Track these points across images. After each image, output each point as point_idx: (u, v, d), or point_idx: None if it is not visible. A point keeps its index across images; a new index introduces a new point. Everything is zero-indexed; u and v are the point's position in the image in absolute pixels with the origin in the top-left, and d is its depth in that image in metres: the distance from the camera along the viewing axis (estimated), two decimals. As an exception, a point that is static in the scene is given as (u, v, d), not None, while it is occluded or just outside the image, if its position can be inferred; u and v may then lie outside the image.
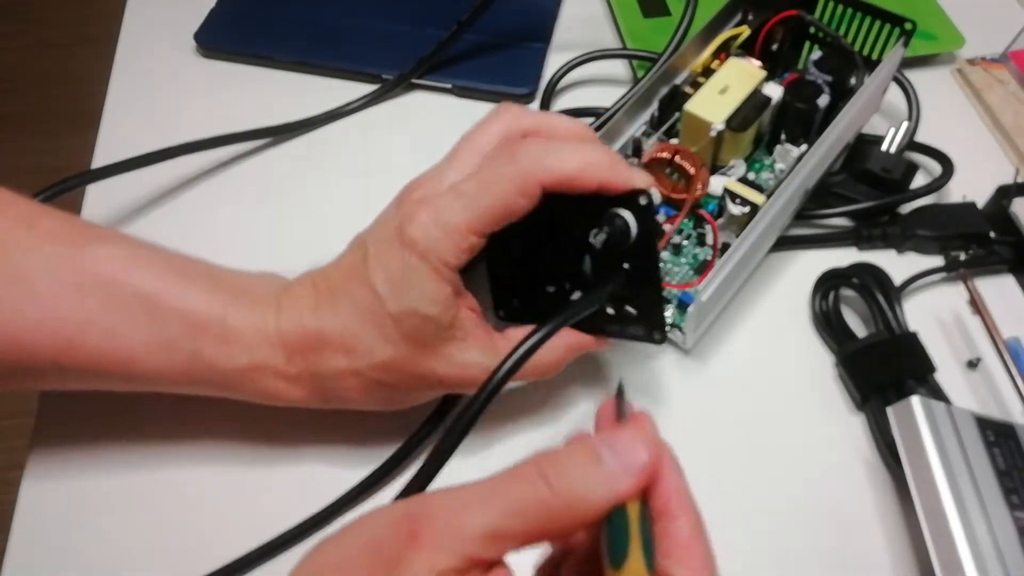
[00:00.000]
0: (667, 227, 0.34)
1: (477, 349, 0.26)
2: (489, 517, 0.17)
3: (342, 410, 0.28)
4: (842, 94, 0.36)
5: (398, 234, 0.25)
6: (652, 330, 0.28)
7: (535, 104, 0.43)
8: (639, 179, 0.25)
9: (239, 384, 0.27)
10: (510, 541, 0.17)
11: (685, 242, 0.34)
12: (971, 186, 0.38)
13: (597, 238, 0.25)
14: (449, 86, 0.43)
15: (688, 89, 0.35)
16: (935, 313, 0.35)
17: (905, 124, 0.38)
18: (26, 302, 0.25)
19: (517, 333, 0.27)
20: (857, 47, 0.37)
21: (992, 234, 0.36)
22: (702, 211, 0.34)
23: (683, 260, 0.34)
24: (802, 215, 0.37)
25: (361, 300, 0.25)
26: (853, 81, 0.36)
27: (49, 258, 0.26)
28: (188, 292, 0.26)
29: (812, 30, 0.38)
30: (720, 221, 0.34)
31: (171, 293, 0.26)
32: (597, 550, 0.18)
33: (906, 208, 0.37)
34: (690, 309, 0.30)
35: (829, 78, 0.36)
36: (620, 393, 0.21)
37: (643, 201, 0.25)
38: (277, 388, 0.27)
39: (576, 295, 0.28)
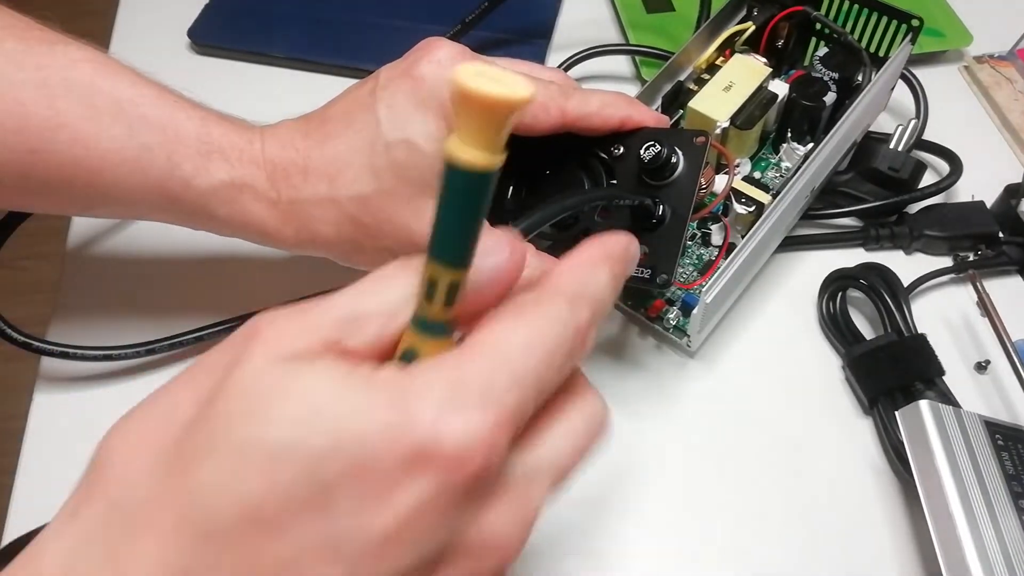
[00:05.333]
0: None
1: None
2: (350, 302, 0.15)
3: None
4: (849, 91, 0.35)
5: (409, 68, 0.25)
6: (660, 271, 0.26)
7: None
8: (659, 117, 0.26)
9: (214, 205, 0.25)
10: (372, 322, 0.15)
11: (689, 242, 0.34)
12: (979, 185, 0.37)
13: (647, 151, 0.25)
14: (448, 83, 0.42)
15: (692, 86, 0.35)
16: (943, 315, 0.34)
17: (913, 122, 0.38)
18: None
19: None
20: (864, 44, 0.37)
21: (1001, 234, 0.35)
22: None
23: (687, 261, 0.33)
24: (808, 215, 0.36)
25: (358, 126, 0.25)
26: (860, 78, 0.35)
27: (10, 52, 0.24)
28: (166, 103, 0.25)
29: (818, 26, 0.37)
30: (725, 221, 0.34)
31: (147, 101, 0.25)
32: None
33: (914, 208, 0.37)
34: (695, 311, 0.30)
35: (835, 75, 0.35)
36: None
37: (699, 141, 0.25)
38: (253, 212, 0.26)
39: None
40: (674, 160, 0.26)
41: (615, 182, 0.27)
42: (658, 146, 0.25)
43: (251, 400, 0.14)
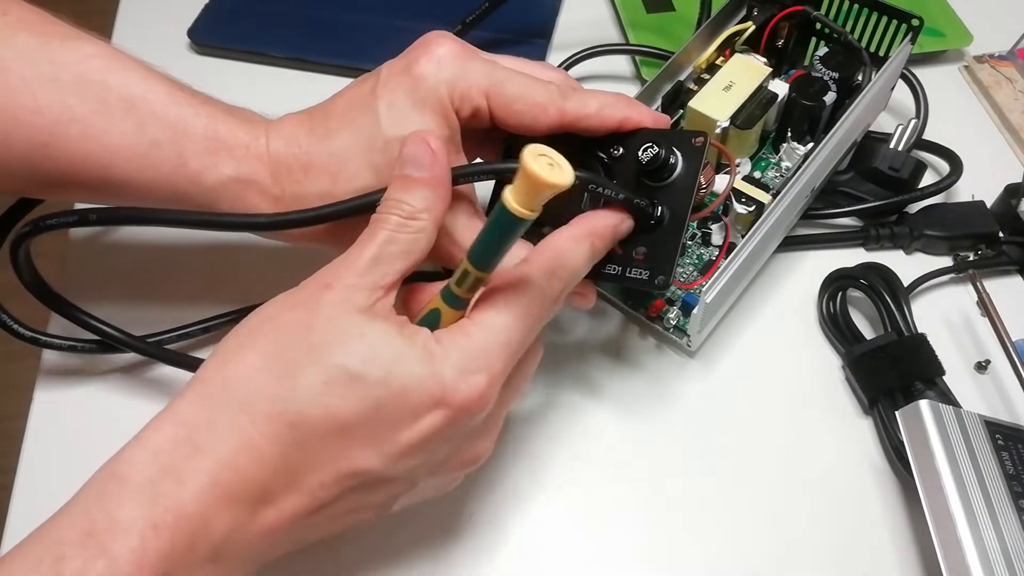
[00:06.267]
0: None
1: (455, 218, 0.26)
2: (370, 248, 0.22)
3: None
4: (849, 91, 0.35)
5: (409, 66, 0.25)
6: (657, 273, 0.26)
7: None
8: (659, 117, 0.27)
9: (221, 201, 0.26)
10: (394, 261, 0.22)
11: (689, 243, 0.34)
12: (979, 185, 0.37)
13: (644, 153, 0.25)
14: (448, 82, 0.42)
15: (692, 86, 0.35)
16: (943, 314, 0.34)
17: (913, 122, 0.38)
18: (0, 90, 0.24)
19: None
20: (864, 43, 0.37)
21: (1001, 234, 0.35)
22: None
23: (687, 260, 0.33)
24: (808, 214, 0.36)
25: (359, 123, 0.25)
26: (860, 78, 0.35)
27: (23, 48, 0.25)
28: (175, 99, 0.26)
29: (818, 26, 0.37)
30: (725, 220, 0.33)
31: (157, 98, 0.25)
32: None
33: (914, 207, 0.37)
34: (695, 310, 0.30)
35: (835, 75, 0.35)
36: None
37: (698, 142, 0.25)
38: (258, 207, 0.26)
39: None
40: (672, 161, 0.26)
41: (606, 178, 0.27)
42: (655, 147, 0.25)
43: (336, 336, 0.20)
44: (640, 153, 0.25)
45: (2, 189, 0.28)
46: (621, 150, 0.27)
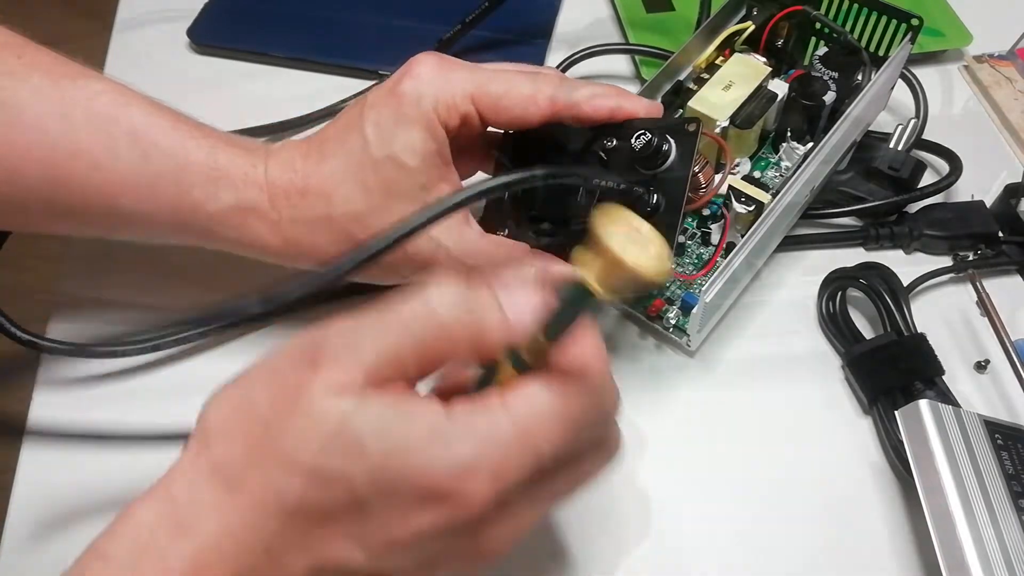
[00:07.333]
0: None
1: (447, 229, 0.26)
2: (386, 339, 0.19)
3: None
4: (848, 91, 0.35)
5: (394, 86, 0.26)
6: None
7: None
8: (652, 105, 0.27)
9: (221, 228, 0.27)
10: (408, 365, 0.19)
11: (689, 242, 0.34)
12: (979, 184, 0.37)
13: (638, 140, 0.25)
14: (448, 82, 0.42)
15: (692, 85, 0.35)
16: (943, 314, 0.34)
17: (912, 122, 0.38)
18: (14, 128, 0.25)
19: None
20: (863, 43, 0.37)
21: (1001, 234, 0.35)
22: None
23: (687, 261, 0.33)
24: (808, 214, 0.36)
25: (349, 146, 0.26)
26: (859, 78, 0.35)
27: (37, 88, 0.26)
28: (178, 131, 0.27)
29: (818, 25, 0.37)
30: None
31: (161, 131, 0.26)
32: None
33: (914, 207, 0.37)
34: (695, 309, 0.30)
35: (835, 74, 0.35)
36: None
37: (691, 128, 0.25)
38: (258, 233, 0.27)
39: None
40: (666, 148, 0.26)
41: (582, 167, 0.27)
42: (648, 134, 0.25)
43: (316, 431, 0.18)
44: (633, 140, 0.25)
45: (16, 225, 0.29)
46: (615, 141, 0.27)
